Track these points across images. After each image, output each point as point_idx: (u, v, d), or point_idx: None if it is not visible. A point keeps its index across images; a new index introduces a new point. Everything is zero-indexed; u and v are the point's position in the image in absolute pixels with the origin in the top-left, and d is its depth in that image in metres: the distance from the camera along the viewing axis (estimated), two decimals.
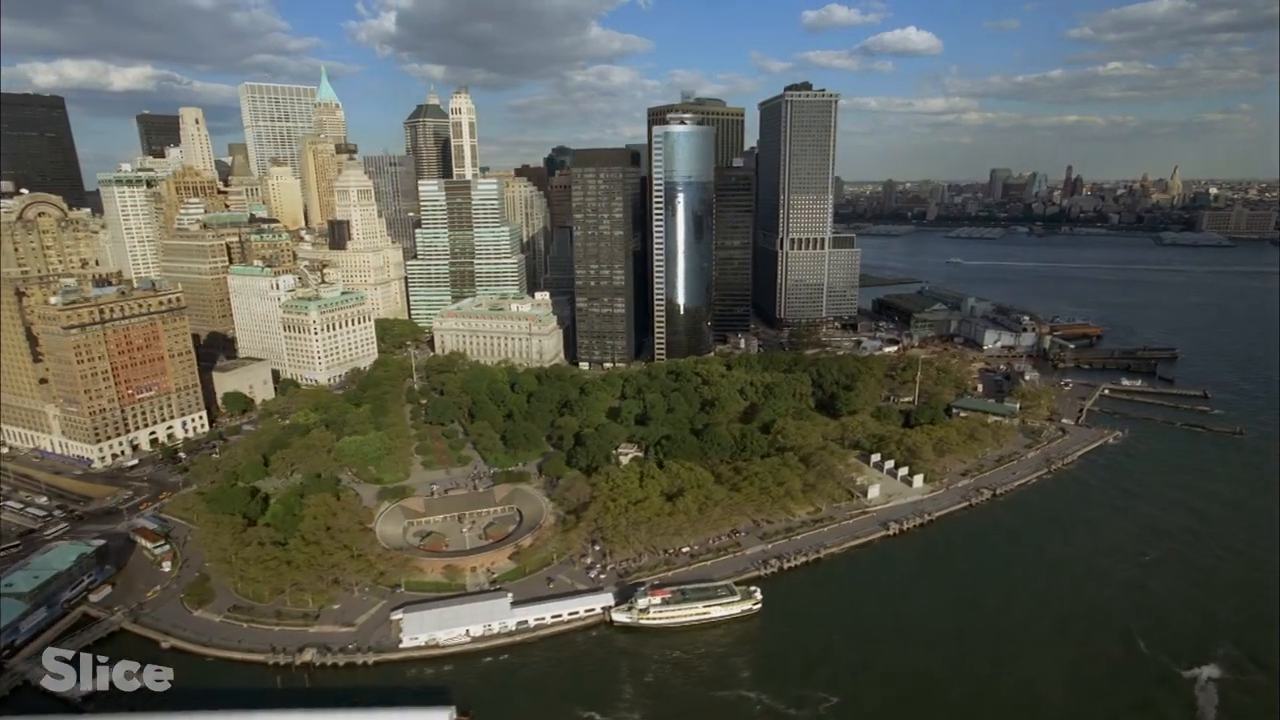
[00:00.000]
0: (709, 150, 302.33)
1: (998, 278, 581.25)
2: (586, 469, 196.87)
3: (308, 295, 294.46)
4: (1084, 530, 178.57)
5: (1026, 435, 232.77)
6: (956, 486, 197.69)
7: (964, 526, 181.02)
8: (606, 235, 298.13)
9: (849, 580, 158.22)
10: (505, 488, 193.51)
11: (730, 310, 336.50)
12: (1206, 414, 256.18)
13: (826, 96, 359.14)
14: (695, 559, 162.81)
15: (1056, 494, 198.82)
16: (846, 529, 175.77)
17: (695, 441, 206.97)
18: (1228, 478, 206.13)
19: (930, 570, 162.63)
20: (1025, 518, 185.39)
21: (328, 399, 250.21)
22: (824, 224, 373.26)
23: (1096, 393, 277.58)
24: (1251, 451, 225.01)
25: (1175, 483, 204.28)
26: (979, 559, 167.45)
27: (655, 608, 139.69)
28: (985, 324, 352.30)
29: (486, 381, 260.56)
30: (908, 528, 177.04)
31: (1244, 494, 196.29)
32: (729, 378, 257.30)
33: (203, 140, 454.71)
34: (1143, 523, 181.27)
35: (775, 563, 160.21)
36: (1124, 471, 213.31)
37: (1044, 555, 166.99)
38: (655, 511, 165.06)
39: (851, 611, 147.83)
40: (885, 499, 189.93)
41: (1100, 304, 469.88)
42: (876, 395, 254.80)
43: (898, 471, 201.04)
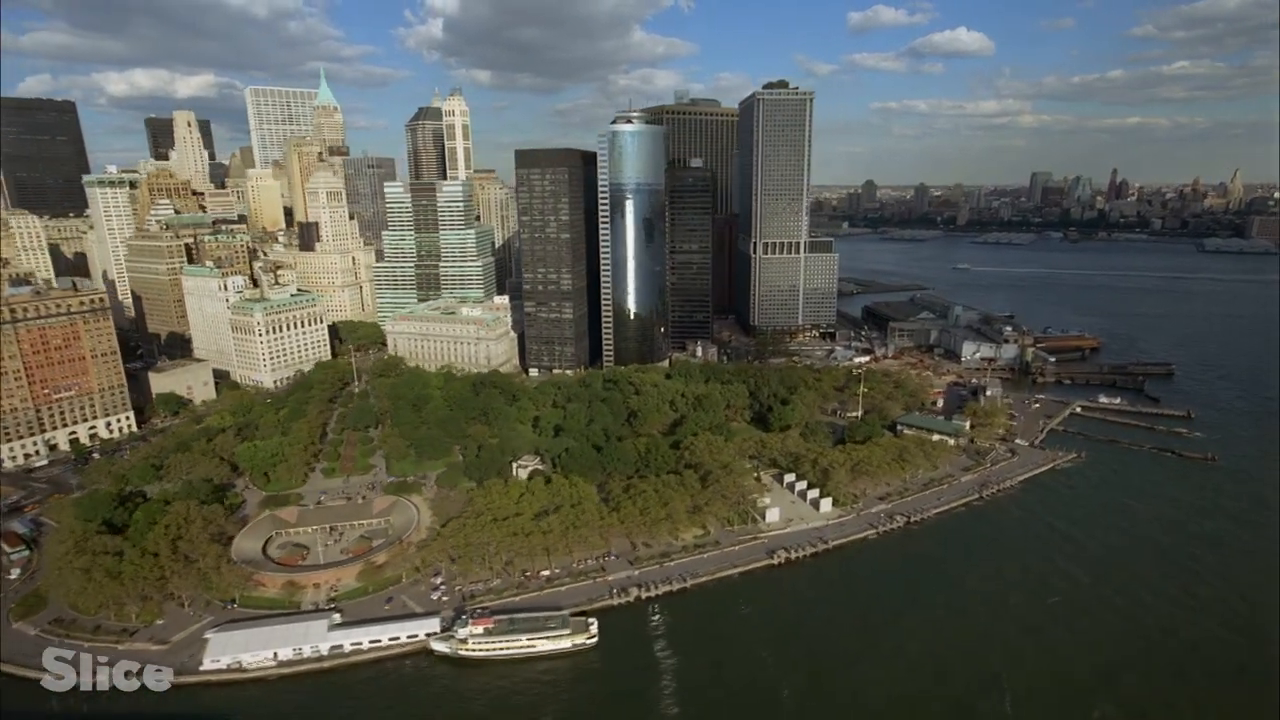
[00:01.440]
0: (659, 151, 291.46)
1: (1008, 285, 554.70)
2: (482, 481, 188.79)
3: (254, 297, 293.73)
4: (995, 564, 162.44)
5: (971, 456, 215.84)
6: (869, 512, 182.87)
7: (863, 557, 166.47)
8: (553, 238, 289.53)
9: (707, 613, 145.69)
10: (387, 499, 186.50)
11: (690, 316, 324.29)
12: (1182, 437, 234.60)
13: (800, 95, 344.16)
14: (551, 583, 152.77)
15: (980, 522, 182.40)
16: (728, 556, 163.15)
17: (595, 455, 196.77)
18: (1182, 507, 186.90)
19: (799, 607, 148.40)
20: (934, 549, 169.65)
21: (250, 401, 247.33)
22: (798, 227, 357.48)
23: (1065, 411, 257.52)
24: (1220, 478, 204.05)
25: (1119, 511, 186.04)
26: (862, 595, 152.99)
27: (475, 638, 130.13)
28: (966, 334, 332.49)
29: (417, 387, 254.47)
30: (797, 556, 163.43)
31: (1192, 526, 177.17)
32: (661, 387, 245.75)
33: (194, 143, 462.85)
34: (1066, 556, 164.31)
35: (635, 591, 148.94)
36: (1065, 498, 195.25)
37: (938, 591, 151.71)
38: (512, 531, 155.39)
39: (698, 649, 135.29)
40: (785, 523, 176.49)
41: (1111, 313, 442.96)
42: (814, 409, 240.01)
43: (808, 494, 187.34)
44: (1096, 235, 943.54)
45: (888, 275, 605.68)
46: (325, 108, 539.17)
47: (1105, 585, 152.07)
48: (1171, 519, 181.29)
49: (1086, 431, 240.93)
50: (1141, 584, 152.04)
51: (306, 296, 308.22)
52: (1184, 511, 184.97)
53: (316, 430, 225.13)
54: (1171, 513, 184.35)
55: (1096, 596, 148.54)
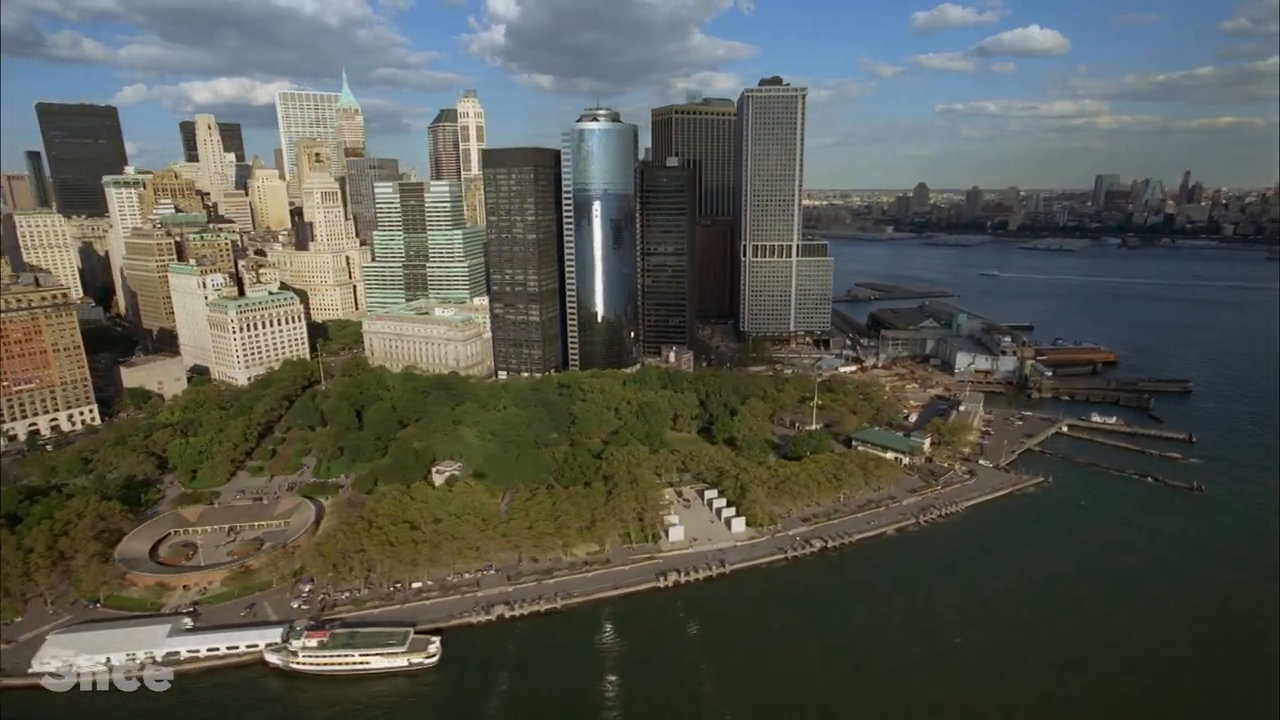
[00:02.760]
0: (628, 151, 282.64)
1: (1040, 293, 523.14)
2: (407, 484, 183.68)
3: (230, 295, 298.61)
4: (909, 598, 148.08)
5: (925, 477, 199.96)
6: (786, 534, 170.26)
7: (760, 583, 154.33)
8: (520, 239, 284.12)
9: (568, 637, 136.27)
10: (292, 501, 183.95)
11: (665, 321, 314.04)
12: (1174, 462, 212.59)
13: (791, 91, 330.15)
14: (419, 595, 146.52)
15: (905, 550, 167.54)
16: (615, 575, 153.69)
17: (511, 463, 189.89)
18: (1145, 539, 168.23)
19: (665, 635, 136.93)
20: (840, 578, 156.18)
21: (204, 397, 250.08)
22: (790, 229, 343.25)
23: (1049, 430, 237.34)
24: (1201, 509, 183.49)
25: (1065, 542, 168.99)
26: (737, 626, 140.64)
27: (307, 651, 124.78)
28: (963, 345, 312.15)
29: (371, 387, 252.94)
30: (688, 580, 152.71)
31: (1146, 561, 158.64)
32: (608, 394, 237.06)
33: (215, 146, 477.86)
34: (988, 593, 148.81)
35: (500, 609, 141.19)
36: (1012, 526, 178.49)
37: (833, 628, 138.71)
38: (385, 540, 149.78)
39: (542, 675, 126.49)
40: (689, 543, 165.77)
41: (1145, 324, 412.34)
42: (765, 420, 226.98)
43: (724, 512, 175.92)
44: (1159, 241, 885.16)
45: (914, 281, 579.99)
46: (346, 110, 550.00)
47: (1012, 628, 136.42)
48: (1124, 552, 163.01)
49: (1067, 453, 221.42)
50: (1053, 631, 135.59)
51: (284, 295, 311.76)
52: (1144, 544, 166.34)
53: (255, 428, 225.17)
54: (1127, 545, 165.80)
55: (997, 641, 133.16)
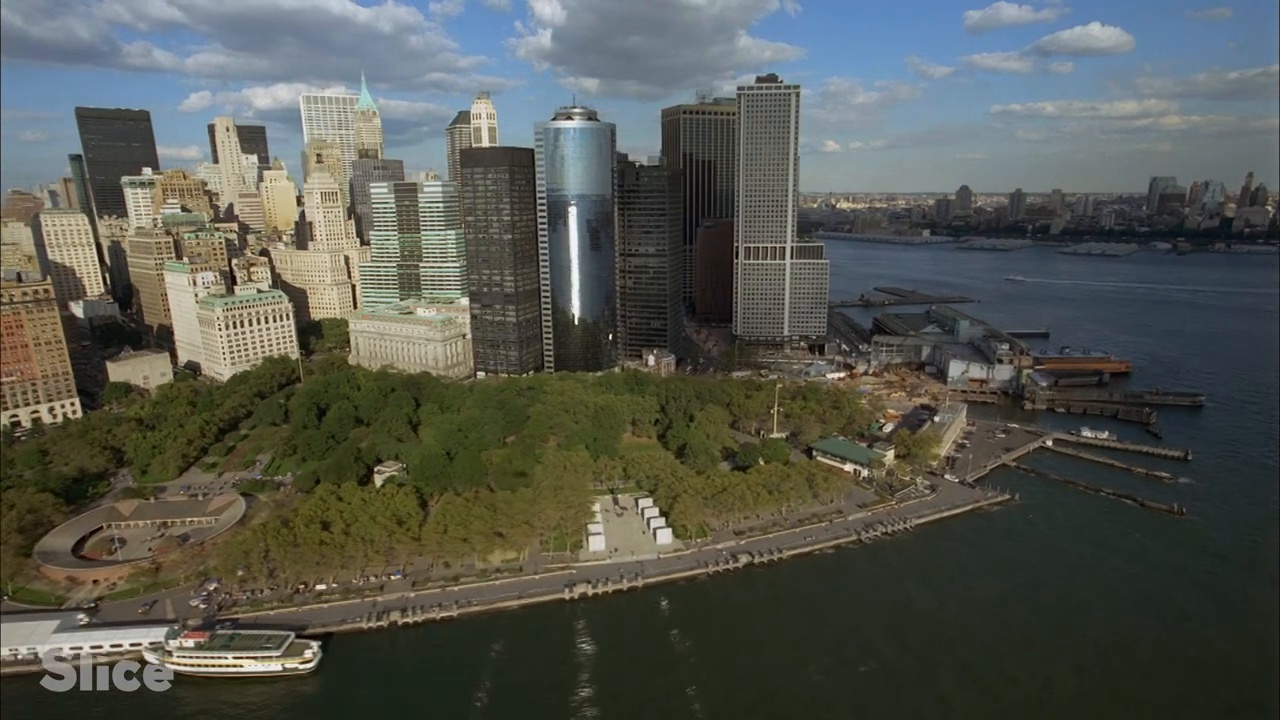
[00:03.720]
0: (605, 150, 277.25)
1: (1066, 299, 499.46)
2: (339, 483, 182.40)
3: (218, 293, 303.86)
4: (820, 620, 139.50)
5: (883, 490, 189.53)
6: (713, 547, 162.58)
7: (673, 599, 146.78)
8: (496, 239, 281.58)
9: (456, 648, 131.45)
10: (226, 498, 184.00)
11: (646, 324, 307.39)
12: (1162, 482, 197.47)
13: (784, 90, 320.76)
14: (320, 598, 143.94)
15: (839, 569, 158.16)
16: (523, 585, 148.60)
17: (444, 465, 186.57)
18: (1101, 568, 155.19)
19: (557, 650, 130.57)
20: (760, 596, 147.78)
21: (177, 392, 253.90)
22: (783, 231, 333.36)
23: (1032, 444, 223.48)
24: (1177, 534, 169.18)
25: (1014, 569, 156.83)
26: (642, 646, 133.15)
27: (183, 652, 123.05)
28: (958, 352, 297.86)
29: (340, 387, 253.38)
30: (597, 592, 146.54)
31: (1094, 593, 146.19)
32: (566, 396, 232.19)
33: (233, 147, 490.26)
34: (907, 619, 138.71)
35: (394, 615, 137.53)
36: (959, 548, 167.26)
37: (728, 652, 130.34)
38: (289, 541, 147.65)
39: (418, 685, 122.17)
40: (609, 553, 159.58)
41: (1172, 333, 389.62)
42: (723, 427, 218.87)
43: (654, 522, 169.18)
44: (1213, 246, 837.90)
45: (935, 285, 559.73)
46: (365, 113, 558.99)
47: (922, 660, 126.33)
48: (1075, 579, 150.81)
49: (1047, 469, 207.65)
50: (962, 664, 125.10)
51: (272, 294, 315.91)
52: (1100, 571, 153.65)
53: (215, 425, 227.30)
54: (1081, 571, 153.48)
55: (902, 672, 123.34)
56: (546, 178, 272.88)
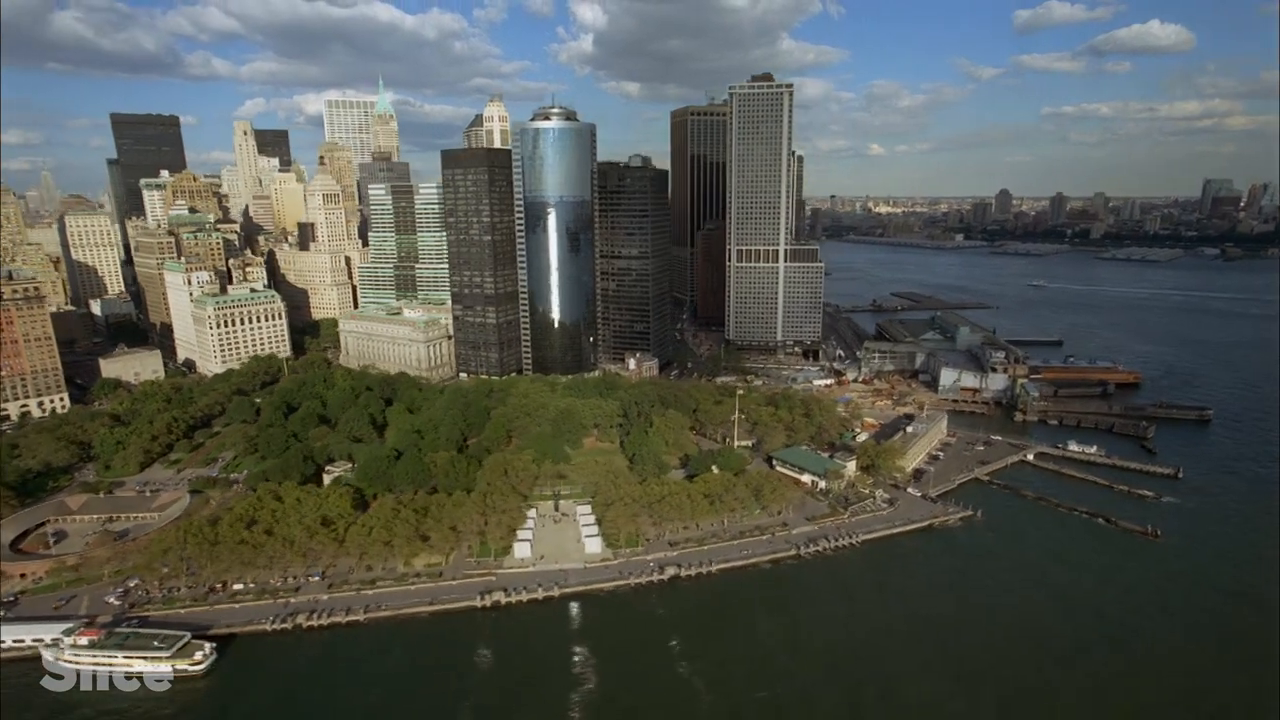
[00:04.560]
0: (585, 151, 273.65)
1: (1089, 305, 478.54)
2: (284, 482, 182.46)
3: (212, 291, 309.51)
4: (730, 641, 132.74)
5: (837, 503, 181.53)
6: (644, 558, 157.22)
7: (587, 610, 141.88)
8: (476, 240, 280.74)
9: (357, 653, 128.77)
10: (174, 494, 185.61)
11: (629, 326, 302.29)
12: (1143, 501, 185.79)
13: (776, 89, 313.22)
14: (233, 598, 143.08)
15: (769, 585, 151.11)
16: (438, 590, 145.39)
17: (388, 466, 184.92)
18: (1052, 593, 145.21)
19: (457, 663, 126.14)
20: (677, 612, 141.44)
21: (153, 389, 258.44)
22: (776, 233, 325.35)
23: (1012, 457, 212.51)
24: (1145, 558, 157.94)
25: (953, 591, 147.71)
26: (539, 659, 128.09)
27: (75, 650, 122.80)
28: (952, 360, 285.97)
29: (315, 384, 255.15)
30: (512, 601, 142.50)
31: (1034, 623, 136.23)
32: (529, 399, 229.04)
33: (249, 150, 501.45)
34: (824, 643, 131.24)
35: (299, 618, 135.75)
36: (905, 566, 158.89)
37: (631, 668, 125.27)
38: (209, 540, 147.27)
39: (307, 692, 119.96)
40: (535, 561, 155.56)
41: (1198, 342, 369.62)
42: (684, 433, 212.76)
43: (585, 530, 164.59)
44: (1267, 252, 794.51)
45: (955, 291, 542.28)
46: (382, 116, 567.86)
47: (824, 687, 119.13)
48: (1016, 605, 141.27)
49: (1022, 485, 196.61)
50: (874, 694, 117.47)
51: (265, 294, 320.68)
52: (1050, 597, 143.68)
53: (184, 421, 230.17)
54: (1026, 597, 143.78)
55: (802, 702, 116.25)
56: (525, 180, 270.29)
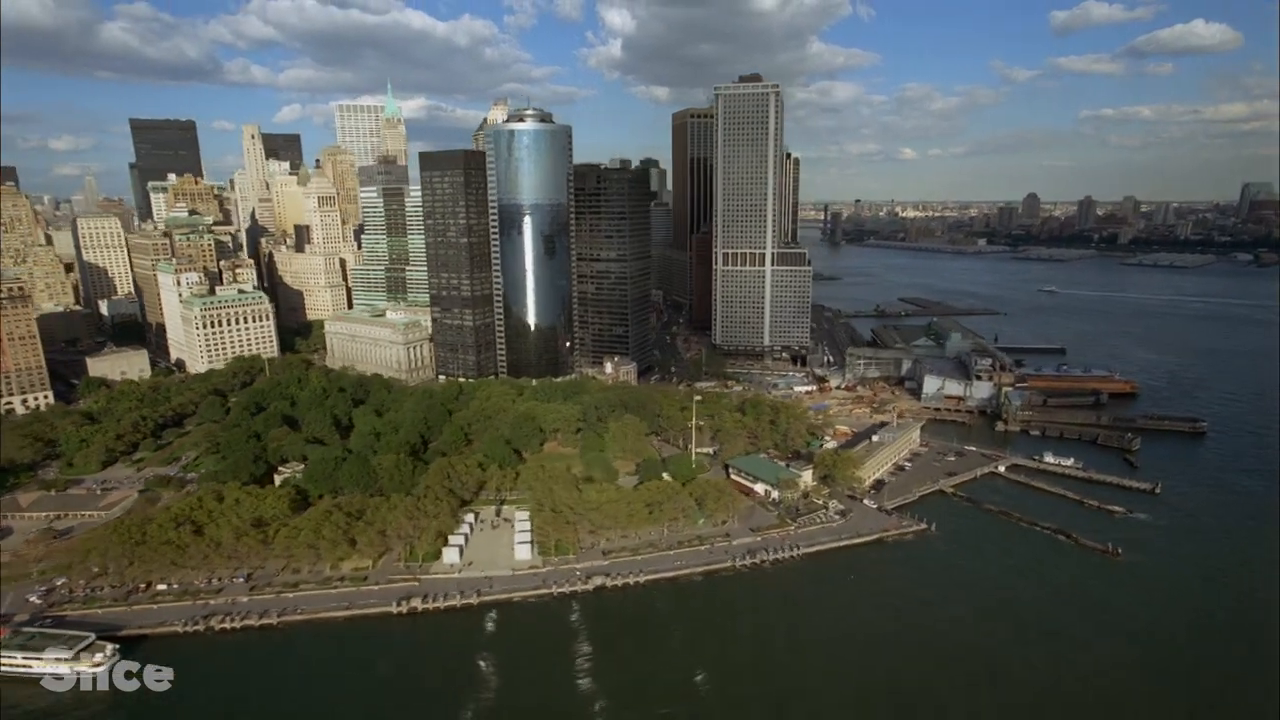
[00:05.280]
0: (561, 154, 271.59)
1: (1101, 311, 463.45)
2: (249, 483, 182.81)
3: (200, 292, 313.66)
4: (650, 654, 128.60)
5: (786, 513, 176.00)
6: (573, 566, 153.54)
7: (506, 619, 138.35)
8: (454, 243, 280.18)
9: (255, 660, 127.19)
10: (124, 493, 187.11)
11: (609, 330, 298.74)
12: (1112, 517, 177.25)
13: (762, 89, 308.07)
14: (154, 599, 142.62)
15: (695, 598, 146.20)
16: (355, 596, 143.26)
17: (333, 468, 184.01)
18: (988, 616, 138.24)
19: (354, 673, 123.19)
20: (598, 624, 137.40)
21: (129, 388, 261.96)
22: (763, 237, 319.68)
23: (981, 468, 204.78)
24: (1100, 579, 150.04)
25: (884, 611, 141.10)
26: (448, 666, 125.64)
27: None
28: (938, 367, 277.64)
29: (288, 385, 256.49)
30: (430, 608, 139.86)
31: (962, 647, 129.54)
32: (492, 402, 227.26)
33: (257, 153, 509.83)
34: (740, 663, 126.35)
35: (212, 620, 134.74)
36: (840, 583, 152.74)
37: (530, 682, 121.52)
38: (134, 540, 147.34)
39: (201, 696, 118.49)
40: (463, 567, 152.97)
41: (1207, 351, 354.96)
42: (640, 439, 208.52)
43: (518, 537, 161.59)
44: None
45: (965, 296, 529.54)
46: (390, 120, 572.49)
47: (744, 706, 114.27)
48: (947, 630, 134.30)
49: (988, 498, 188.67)
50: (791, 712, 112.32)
51: (253, 295, 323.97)
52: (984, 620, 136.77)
53: (152, 420, 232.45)
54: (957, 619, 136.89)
55: None
56: (499, 183, 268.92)
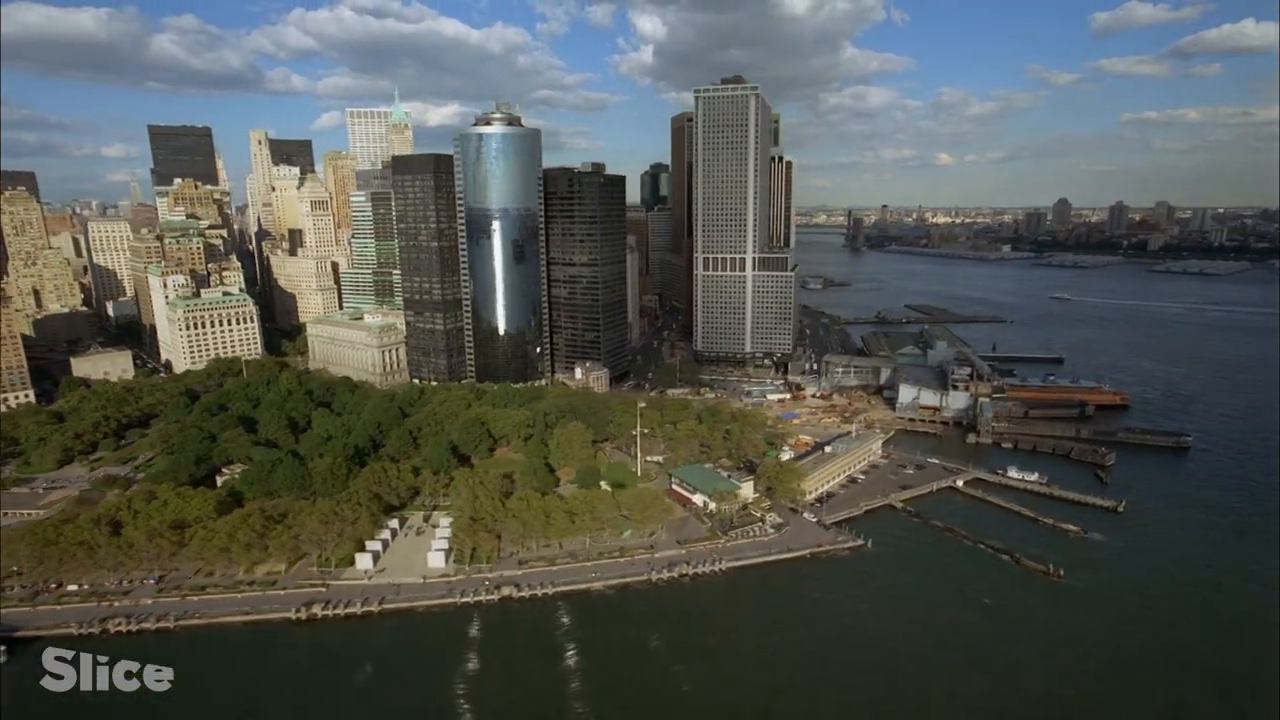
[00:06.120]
0: (530, 158, 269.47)
1: (1111, 319, 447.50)
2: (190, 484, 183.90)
3: (185, 294, 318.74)
4: (530, 668, 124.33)
5: (718, 525, 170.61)
6: (484, 576, 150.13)
7: (403, 628, 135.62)
8: (425, 246, 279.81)
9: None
10: (66, 492, 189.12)
11: (581, 335, 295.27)
12: (1066, 536, 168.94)
13: (742, 91, 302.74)
14: (59, 599, 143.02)
15: (602, 612, 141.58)
16: (259, 600, 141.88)
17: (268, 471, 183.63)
18: (896, 643, 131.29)
19: (248, 681, 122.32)
20: (491, 633, 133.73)
21: (102, 388, 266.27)
22: (744, 241, 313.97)
23: (938, 483, 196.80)
24: (1036, 603, 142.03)
25: (801, 631, 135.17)
26: (325, 677, 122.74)
27: None
28: (915, 376, 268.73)
29: (256, 387, 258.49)
30: (329, 615, 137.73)
31: (879, 664, 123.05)
32: (444, 406, 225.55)
33: (264, 159, 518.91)
34: (596, 685, 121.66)
35: (110, 623, 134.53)
36: (755, 601, 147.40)
37: (402, 693, 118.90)
38: (44, 540, 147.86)
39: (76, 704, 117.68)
40: (376, 573, 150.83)
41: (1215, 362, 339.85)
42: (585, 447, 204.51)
43: (435, 544, 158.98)
44: None
45: (974, 303, 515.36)
46: (397, 126, 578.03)
47: None
48: (852, 658, 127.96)
49: (938, 513, 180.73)
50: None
51: (237, 297, 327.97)
52: (899, 641, 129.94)
53: (115, 419, 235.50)
54: (861, 646, 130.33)
55: None
56: (467, 190, 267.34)
